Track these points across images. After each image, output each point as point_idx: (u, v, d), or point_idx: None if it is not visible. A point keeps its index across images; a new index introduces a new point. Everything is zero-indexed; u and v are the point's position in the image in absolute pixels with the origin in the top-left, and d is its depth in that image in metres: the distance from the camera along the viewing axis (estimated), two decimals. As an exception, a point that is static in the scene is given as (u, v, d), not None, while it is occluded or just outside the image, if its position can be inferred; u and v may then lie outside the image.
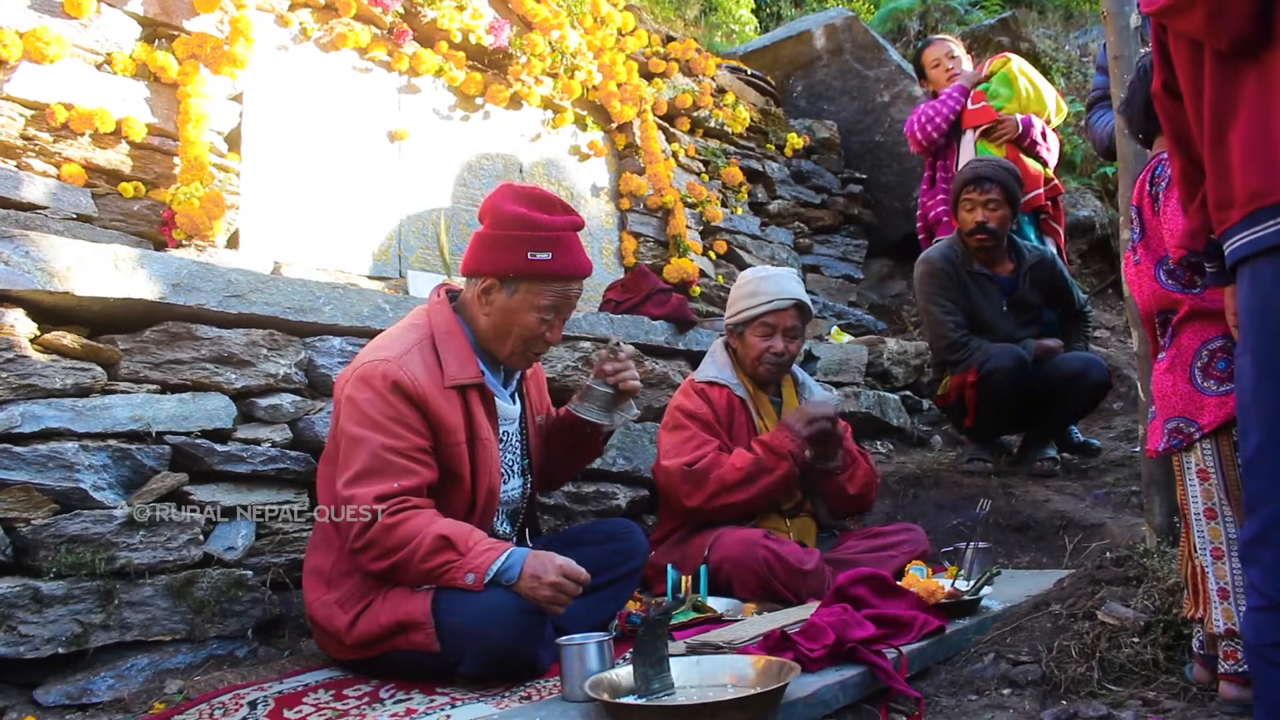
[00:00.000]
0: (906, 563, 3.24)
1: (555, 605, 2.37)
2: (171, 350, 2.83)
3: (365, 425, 2.43)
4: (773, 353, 3.57)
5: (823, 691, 2.21)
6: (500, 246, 2.60)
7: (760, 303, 3.58)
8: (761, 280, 3.65)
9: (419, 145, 4.84)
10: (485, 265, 2.63)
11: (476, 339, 2.69)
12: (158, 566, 2.64)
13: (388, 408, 2.44)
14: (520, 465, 2.85)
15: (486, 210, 2.67)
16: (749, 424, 3.58)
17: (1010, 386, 4.15)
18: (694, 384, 3.63)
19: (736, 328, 3.66)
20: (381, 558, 2.37)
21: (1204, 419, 2.20)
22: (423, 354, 2.55)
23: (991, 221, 4.36)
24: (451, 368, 2.57)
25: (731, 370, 3.65)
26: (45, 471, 2.49)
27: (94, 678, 2.48)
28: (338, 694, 2.37)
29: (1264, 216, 1.68)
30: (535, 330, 2.65)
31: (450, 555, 2.34)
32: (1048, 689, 2.40)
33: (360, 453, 2.41)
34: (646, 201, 5.77)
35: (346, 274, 4.34)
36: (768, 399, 3.69)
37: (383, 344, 2.61)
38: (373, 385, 2.46)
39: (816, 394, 3.81)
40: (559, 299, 2.65)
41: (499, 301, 2.63)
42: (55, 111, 3.49)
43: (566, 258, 2.62)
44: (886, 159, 7.46)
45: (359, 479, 2.39)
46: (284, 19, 4.34)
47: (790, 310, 3.57)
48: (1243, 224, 1.72)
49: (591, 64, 5.50)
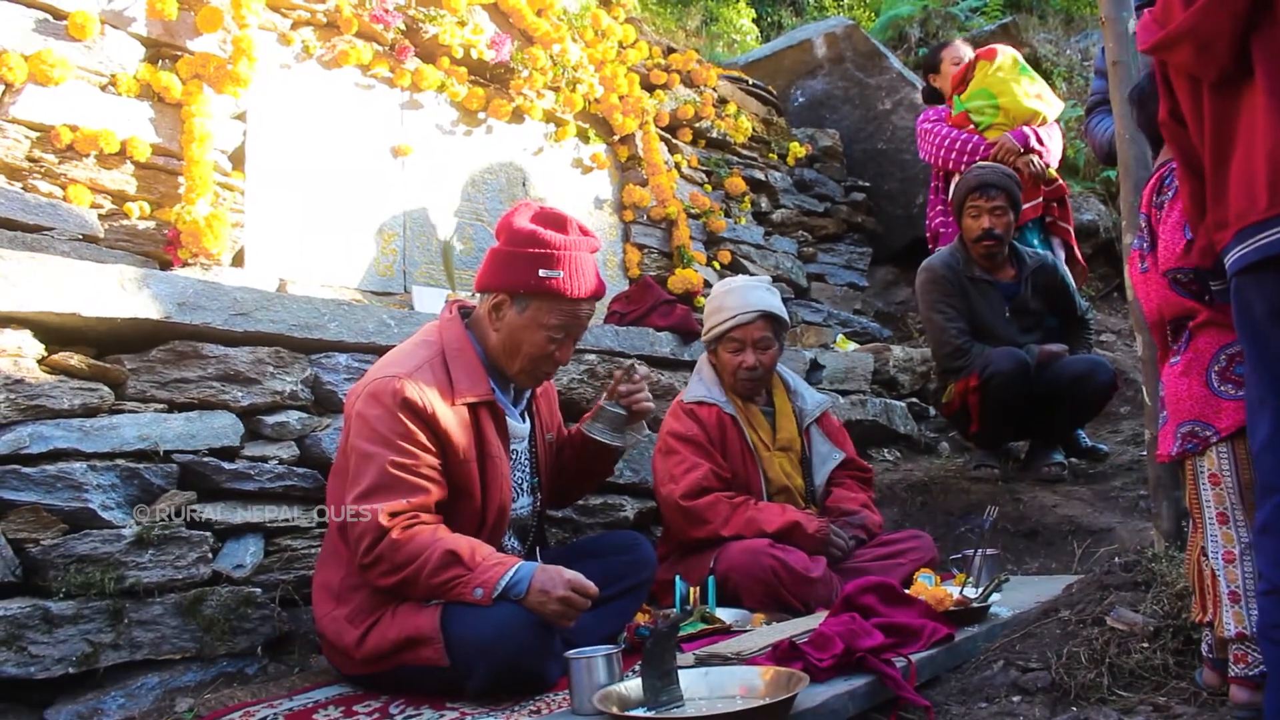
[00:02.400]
0: (915, 570, 3.24)
1: (564, 619, 2.38)
2: (178, 369, 2.85)
3: (375, 441, 2.43)
4: (745, 367, 3.54)
5: (832, 701, 2.20)
6: (512, 263, 2.61)
7: (726, 318, 3.56)
8: (725, 294, 3.62)
9: (422, 160, 4.86)
10: (497, 281, 2.65)
11: (487, 356, 2.69)
12: (167, 585, 2.65)
13: (398, 424, 2.44)
14: (530, 483, 2.86)
15: (502, 227, 2.69)
16: (742, 440, 3.55)
17: (1012, 389, 4.14)
18: (683, 405, 3.60)
19: (710, 345, 3.67)
20: (390, 573, 2.38)
21: (1221, 423, 2.19)
22: (433, 370, 2.55)
23: (998, 228, 4.37)
24: (462, 385, 2.57)
25: (719, 387, 3.62)
26: (54, 492, 2.51)
27: (104, 697, 2.49)
28: (348, 710, 2.37)
29: (1247, 235, 1.77)
30: (544, 349, 2.65)
31: (458, 570, 2.35)
32: (1058, 695, 2.38)
33: (370, 469, 2.42)
34: (650, 213, 5.78)
35: (351, 290, 4.36)
36: (759, 410, 3.66)
37: (394, 360, 2.61)
38: (383, 402, 2.46)
39: (809, 399, 3.78)
40: (569, 319, 2.66)
41: (509, 318, 2.64)
42: (60, 133, 3.52)
43: (577, 278, 2.62)
44: (889, 166, 7.47)
45: (369, 495, 2.40)
46: (286, 38, 4.36)
47: (756, 322, 3.53)
48: (1233, 242, 1.81)
49: (593, 77, 5.52)
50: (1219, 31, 1.77)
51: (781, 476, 3.58)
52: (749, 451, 3.55)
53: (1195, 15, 1.80)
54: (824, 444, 3.71)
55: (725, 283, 3.75)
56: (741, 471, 3.52)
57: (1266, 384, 1.82)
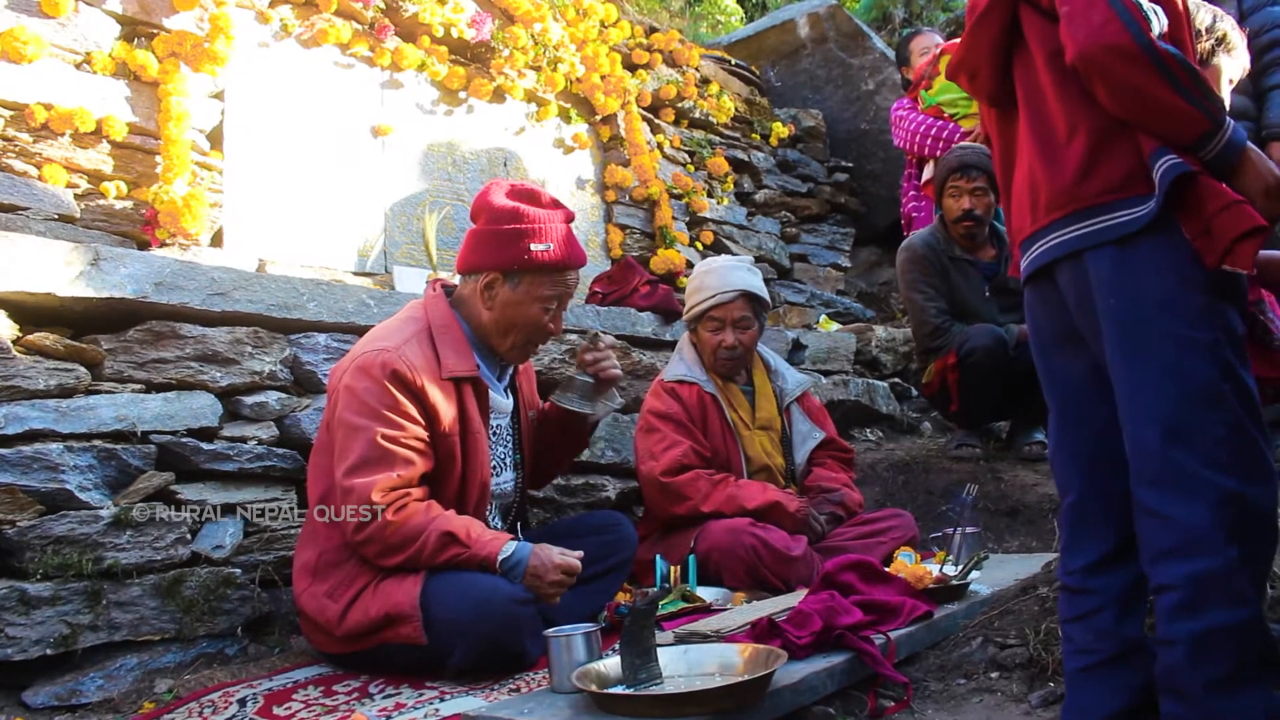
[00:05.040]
0: (895, 548, 3.25)
1: (552, 600, 2.48)
2: (156, 349, 2.83)
3: (364, 414, 2.45)
4: (725, 346, 3.56)
5: (810, 678, 2.21)
6: (499, 241, 2.65)
7: (705, 298, 3.58)
8: (705, 274, 3.64)
9: (403, 140, 4.83)
10: (486, 261, 2.67)
11: (474, 333, 2.72)
12: (145, 566, 2.64)
13: (386, 396, 2.46)
14: (512, 459, 2.88)
15: (480, 208, 2.71)
16: (722, 419, 3.57)
17: (991, 364, 4.14)
18: (663, 384, 3.62)
19: (690, 324, 3.68)
20: (385, 554, 2.41)
21: None
22: (420, 345, 2.58)
23: (978, 209, 4.38)
24: (449, 360, 2.59)
25: (699, 366, 3.64)
26: (30, 473, 2.49)
27: (83, 678, 2.48)
28: (327, 690, 2.37)
29: (1024, 248, 1.96)
30: (539, 321, 2.70)
31: (457, 549, 2.41)
32: (1035, 671, 2.40)
33: (359, 441, 2.43)
34: (632, 193, 5.76)
35: (331, 270, 4.33)
36: (739, 389, 3.69)
37: (380, 334, 2.63)
38: (371, 374, 2.47)
39: (789, 378, 3.80)
40: (560, 288, 2.72)
41: (502, 295, 2.67)
42: (35, 112, 3.47)
43: (565, 247, 2.68)
44: (872, 147, 7.46)
45: (358, 468, 2.41)
46: (265, 16, 4.32)
47: (736, 301, 3.55)
48: (1020, 255, 2.01)
49: (574, 56, 5.49)
50: (980, 62, 1.99)
51: (762, 455, 3.59)
52: (729, 430, 3.56)
53: (961, 47, 2.04)
54: (804, 423, 3.72)
55: (706, 262, 3.76)
56: (722, 449, 3.54)
57: (1053, 395, 2.02)
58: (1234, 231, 1.67)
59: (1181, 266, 1.72)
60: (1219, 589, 1.65)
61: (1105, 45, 1.68)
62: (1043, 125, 1.88)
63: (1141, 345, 1.75)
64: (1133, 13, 1.67)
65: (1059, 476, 2.03)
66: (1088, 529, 1.94)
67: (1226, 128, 1.71)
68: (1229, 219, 1.67)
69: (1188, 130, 1.70)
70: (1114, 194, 1.77)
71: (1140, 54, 1.66)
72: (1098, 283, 1.79)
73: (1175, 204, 1.72)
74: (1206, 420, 1.69)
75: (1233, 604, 1.64)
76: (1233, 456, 1.68)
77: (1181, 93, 1.67)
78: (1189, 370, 1.71)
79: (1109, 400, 1.83)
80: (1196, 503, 1.67)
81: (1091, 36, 1.69)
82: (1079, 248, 1.82)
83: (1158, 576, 1.72)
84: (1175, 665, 1.68)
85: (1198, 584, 1.66)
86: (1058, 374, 2.00)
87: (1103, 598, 1.89)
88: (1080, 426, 1.95)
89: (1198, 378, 1.70)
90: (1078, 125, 1.81)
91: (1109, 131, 1.78)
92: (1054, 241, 1.86)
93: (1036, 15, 1.88)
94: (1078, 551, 1.95)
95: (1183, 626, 1.66)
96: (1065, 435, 1.99)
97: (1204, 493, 1.67)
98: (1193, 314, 1.72)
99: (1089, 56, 1.71)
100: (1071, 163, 1.82)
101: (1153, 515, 1.73)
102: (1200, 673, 1.65)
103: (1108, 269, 1.77)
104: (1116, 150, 1.78)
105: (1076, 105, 1.81)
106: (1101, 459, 1.90)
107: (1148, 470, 1.74)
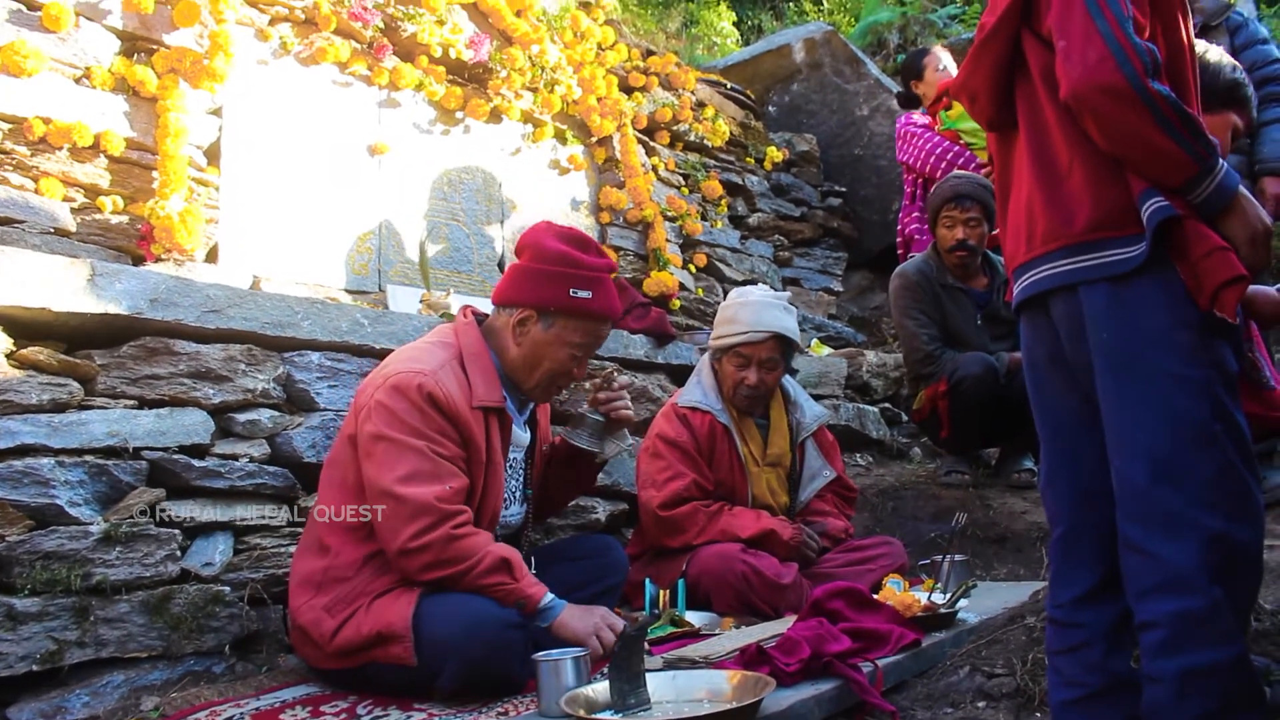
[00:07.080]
0: (884, 576, 3.26)
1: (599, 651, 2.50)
2: (149, 365, 2.83)
3: (408, 431, 2.47)
4: (747, 384, 3.50)
5: (798, 706, 2.22)
6: (542, 280, 2.68)
7: (736, 331, 3.50)
8: (740, 307, 3.54)
9: (399, 159, 4.84)
10: (525, 297, 2.70)
11: (502, 366, 2.74)
12: (134, 583, 2.63)
13: (426, 419, 2.48)
14: (522, 493, 2.90)
15: (527, 244, 2.75)
16: (732, 451, 3.51)
17: (981, 392, 4.16)
18: (676, 408, 3.56)
19: (715, 353, 3.62)
20: (434, 567, 2.41)
21: None
22: (453, 371, 2.60)
23: (971, 239, 4.41)
24: (479, 389, 2.61)
25: (716, 394, 3.56)
26: (20, 487, 2.49)
27: (69, 695, 2.47)
28: (314, 710, 2.36)
29: (1018, 275, 1.98)
30: (565, 365, 2.72)
31: (505, 578, 2.44)
32: (1022, 701, 2.41)
33: (409, 455, 2.45)
34: (626, 215, 5.78)
35: (326, 288, 4.34)
36: (753, 422, 3.63)
37: (414, 356, 2.64)
38: (409, 396, 2.49)
39: (807, 411, 3.74)
40: (591, 338, 2.75)
41: (534, 334, 2.69)
42: (33, 125, 3.48)
43: (605, 299, 2.72)
44: (866, 172, 7.50)
45: (413, 479, 2.42)
46: (264, 33, 4.33)
47: (767, 343, 3.47)
48: (1013, 281, 2.01)
49: (571, 78, 5.52)
50: (981, 85, 2.00)
51: (766, 494, 3.57)
52: (738, 464, 3.52)
53: (963, 70, 2.06)
54: (816, 459, 3.69)
55: (742, 293, 3.64)
56: (728, 482, 3.51)
57: (1045, 426, 2.01)
58: (1216, 279, 1.68)
59: (1175, 304, 1.73)
60: (1203, 628, 1.65)
61: (1098, 85, 1.69)
62: (1045, 154, 1.89)
63: (1133, 381, 1.75)
64: (1128, 53, 1.67)
65: (1050, 508, 2.03)
66: (1077, 561, 1.94)
67: (1217, 172, 1.71)
68: (1212, 265, 1.68)
69: (1176, 174, 1.71)
70: (1110, 231, 1.78)
71: (1133, 95, 1.66)
72: (1091, 317, 1.80)
73: (1166, 243, 1.73)
74: (1196, 460, 1.69)
75: (1217, 643, 1.65)
76: (1221, 496, 1.68)
77: (1173, 136, 1.68)
78: (1180, 408, 1.71)
79: (1101, 433, 1.83)
80: (1182, 542, 1.67)
81: (1085, 75, 1.70)
82: (1073, 281, 1.82)
83: (1142, 613, 1.73)
84: (1161, 702, 1.68)
85: (1182, 622, 1.66)
86: (1051, 405, 1.99)
87: (1091, 631, 1.89)
88: (1072, 458, 1.95)
89: (1189, 416, 1.70)
90: (1077, 158, 1.82)
91: (1108, 166, 1.79)
92: (1049, 272, 1.87)
93: (1038, 43, 1.88)
94: (1067, 584, 1.95)
95: (1168, 664, 1.67)
96: (1057, 467, 1.99)
97: (1191, 532, 1.67)
98: (1186, 351, 1.72)
99: (1081, 95, 1.72)
100: (1070, 196, 1.82)
101: (1138, 551, 1.73)
102: (1186, 709, 1.65)
103: (1102, 303, 1.78)
104: (1115, 185, 1.78)
105: (1077, 138, 1.82)
106: (1093, 492, 1.90)
107: (1135, 507, 1.75)
